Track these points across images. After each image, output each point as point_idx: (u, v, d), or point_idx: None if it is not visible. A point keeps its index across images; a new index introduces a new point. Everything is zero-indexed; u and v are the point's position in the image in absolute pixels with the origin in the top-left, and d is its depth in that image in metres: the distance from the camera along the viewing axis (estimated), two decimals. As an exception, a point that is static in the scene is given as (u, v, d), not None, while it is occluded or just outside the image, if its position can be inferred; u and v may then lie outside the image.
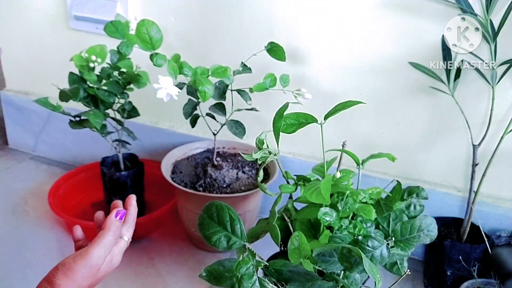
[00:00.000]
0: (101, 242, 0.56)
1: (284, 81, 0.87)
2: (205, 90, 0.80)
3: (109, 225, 0.58)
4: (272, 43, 0.89)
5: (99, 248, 0.55)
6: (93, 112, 0.91)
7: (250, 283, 0.61)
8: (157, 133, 1.21)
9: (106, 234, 0.57)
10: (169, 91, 0.77)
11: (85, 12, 1.15)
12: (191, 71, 0.83)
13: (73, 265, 0.54)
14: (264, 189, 0.75)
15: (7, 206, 1.17)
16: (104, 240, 0.56)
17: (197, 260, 1.02)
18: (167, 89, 0.77)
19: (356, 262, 0.59)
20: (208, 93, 0.81)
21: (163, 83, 0.77)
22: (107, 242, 0.56)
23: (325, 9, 0.95)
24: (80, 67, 0.91)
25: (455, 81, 0.86)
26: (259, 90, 0.87)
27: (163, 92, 0.77)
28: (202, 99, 0.81)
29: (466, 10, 0.80)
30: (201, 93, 0.80)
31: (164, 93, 0.77)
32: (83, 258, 0.54)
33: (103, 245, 0.56)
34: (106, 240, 0.56)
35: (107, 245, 0.56)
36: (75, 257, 0.54)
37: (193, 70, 0.84)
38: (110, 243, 0.57)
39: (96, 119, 0.89)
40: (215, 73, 0.85)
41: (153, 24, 0.83)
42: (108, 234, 0.57)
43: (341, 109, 0.60)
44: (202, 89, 0.80)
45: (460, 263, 0.89)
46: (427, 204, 0.80)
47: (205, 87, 0.80)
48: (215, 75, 0.85)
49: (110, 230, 0.57)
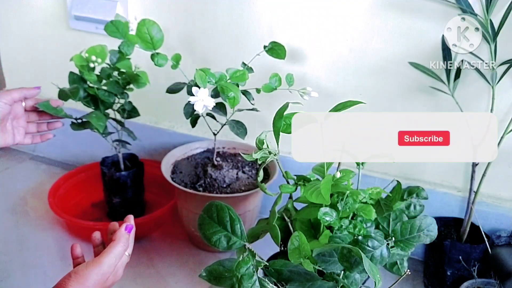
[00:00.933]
0: (113, 252, 0.61)
1: (289, 80, 0.87)
2: (234, 96, 0.80)
3: (119, 237, 0.63)
4: (273, 42, 0.89)
5: (110, 257, 0.60)
6: (95, 115, 0.90)
7: (250, 283, 0.61)
8: (157, 133, 1.21)
9: (116, 244, 0.62)
10: (206, 103, 0.78)
11: (85, 12, 1.15)
12: (214, 78, 0.83)
13: (86, 271, 0.57)
14: (264, 189, 0.75)
15: (7, 206, 1.17)
16: (115, 249, 0.61)
17: (197, 260, 1.02)
18: (203, 101, 0.77)
19: (356, 262, 0.59)
20: (237, 99, 0.80)
21: (200, 96, 0.77)
22: (117, 252, 0.61)
23: (325, 9, 0.95)
24: (80, 67, 0.91)
25: (455, 81, 0.86)
26: (267, 91, 0.87)
27: (200, 104, 0.77)
28: (231, 105, 0.81)
29: (466, 10, 0.81)
30: (230, 99, 0.80)
31: (201, 105, 0.77)
32: (96, 265, 0.58)
33: (114, 255, 0.61)
34: (117, 250, 0.61)
35: (118, 254, 0.61)
36: (88, 265, 0.58)
37: (215, 77, 0.83)
38: (120, 253, 0.62)
39: (98, 122, 0.89)
40: (233, 77, 0.85)
41: (154, 24, 0.83)
42: (119, 245, 0.62)
43: (341, 109, 0.60)
44: (231, 95, 0.80)
45: (460, 263, 0.89)
46: (427, 204, 0.80)
47: (234, 93, 0.80)
48: (234, 79, 0.85)
49: (120, 241, 0.62)
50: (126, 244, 0.63)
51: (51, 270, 0.96)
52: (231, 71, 0.85)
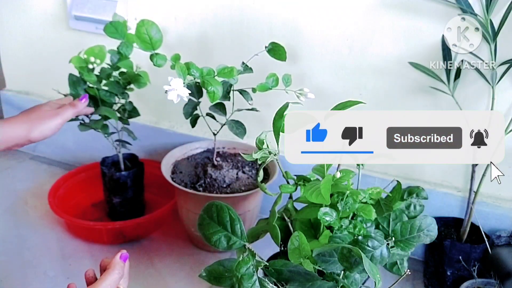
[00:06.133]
0: (108, 279, 0.60)
1: (286, 81, 0.87)
2: (214, 90, 0.80)
3: (114, 265, 0.62)
4: (273, 43, 0.88)
5: (105, 284, 0.60)
6: (105, 109, 0.92)
7: (250, 283, 0.61)
8: (157, 133, 1.21)
9: (111, 272, 0.61)
10: (180, 93, 0.77)
11: (85, 12, 1.15)
12: (199, 71, 0.83)
13: None
14: (264, 189, 0.75)
15: (7, 206, 1.17)
16: (110, 277, 0.61)
17: (197, 260, 1.02)
18: (177, 91, 0.77)
19: (356, 262, 0.59)
20: (217, 94, 0.80)
21: (173, 85, 0.77)
22: (112, 280, 0.61)
23: (325, 9, 0.95)
24: (79, 68, 0.91)
25: (455, 81, 0.86)
26: (262, 90, 0.87)
27: (173, 94, 0.77)
28: (211, 99, 0.81)
29: (466, 10, 0.81)
30: (210, 93, 0.80)
31: (175, 95, 0.77)
32: None
33: (110, 282, 0.60)
34: (112, 277, 0.61)
35: (112, 282, 0.61)
36: None
37: (200, 71, 0.83)
38: (115, 281, 0.61)
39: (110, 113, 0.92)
40: (221, 74, 0.85)
41: (153, 24, 0.83)
42: (114, 272, 0.61)
43: (341, 109, 0.60)
44: (211, 89, 0.80)
45: (460, 263, 0.89)
46: (427, 204, 0.80)
47: (214, 88, 0.80)
48: (221, 75, 0.85)
49: (115, 269, 0.62)
50: (121, 273, 0.62)
51: (51, 270, 0.96)
52: (220, 67, 0.85)
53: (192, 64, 0.83)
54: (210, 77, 0.83)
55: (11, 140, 0.69)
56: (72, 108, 0.78)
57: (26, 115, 0.73)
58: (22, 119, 0.71)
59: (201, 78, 0.82)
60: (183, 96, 0.77)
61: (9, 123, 0.69)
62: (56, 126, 0.76)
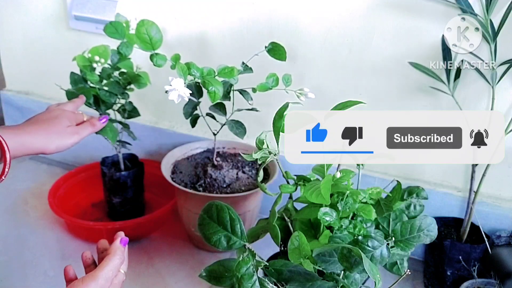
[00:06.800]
0: (109, 264, 0.60)
1: (286, 81, 0.87)
2: (214, 90, 0.80)
3: (115, 250, 0.62)
4: (273, 43, 0.88)
5: (107, 270, 0.59)
6: (110, 128, 0.92)
7: (250, 283, 0.61)
8: (157, 133, 1.21)
9: (112, 257, 0.61)
10: (181, 93, 0.77)
11: (85, 12, 1.15)
12: (199, 71, 0.83)
13: (82, 285, 0.57)
14: (264, 189, 0.75)
15: (7, 206, 1.17)
16: (111, 262, 0.60)
17: (197, 260, 1.02)
18: (178, 91, 0.77)
19: (356, 262, 0.59)
20: (218, 94, 0.80)
21: (174, 85, 0.77)
22: (114, 265, 0.60)
23: (325, 9, 0.95)
24: (82, 67, 0.91)
25: (455, 81, 0.86)
26: (262, 90, 0.87)
27: (174, 94, 0.77)
28: (212, 99, 0.81)
29: (466, 10, 0.81)
30: (210, 93, 0.80)
31: (176, 95, 0.77)
32: (92, 279, 0.57)
33: (111, 267, 0.59)
34: (113, 263, 0.60)
35: (114, 267, 0.60)
36: (84, 279, 0.58)
37: (200, 71, 0.83)
38: (116, 266, 0.61)
39: (113, 135, 0.92)
40: (221, 73, 0.85)
41: (153, 24, 0.83)
42: (115, 257, 0.61)
43: (341, 109, 0.61)
44: (212, 89, 0.80)
45: (460, 263, 0.89)
46: (427, 204, 0.80)
47: (215, 88, 0.80)
48: (222, 75, 0.85)
49: (116, 254, 0.61)
50: (122, 257, 0.62)
51: (51, 270, 0.96)
52: (220, 67, 0.85)
53: (192, 64, 0.83)
54: (211, 77, 0.83)
55: (27, 151, 0.69)
56: (91, 128, 0.77)
57: (46, 128, 0.71)
58: (42, 132, 0.70)
59: (201, 78, 0.82)
60: (184, 96, 0.77)
61: (30, 134, 0.68)
62: (72, 144, 0.74)
